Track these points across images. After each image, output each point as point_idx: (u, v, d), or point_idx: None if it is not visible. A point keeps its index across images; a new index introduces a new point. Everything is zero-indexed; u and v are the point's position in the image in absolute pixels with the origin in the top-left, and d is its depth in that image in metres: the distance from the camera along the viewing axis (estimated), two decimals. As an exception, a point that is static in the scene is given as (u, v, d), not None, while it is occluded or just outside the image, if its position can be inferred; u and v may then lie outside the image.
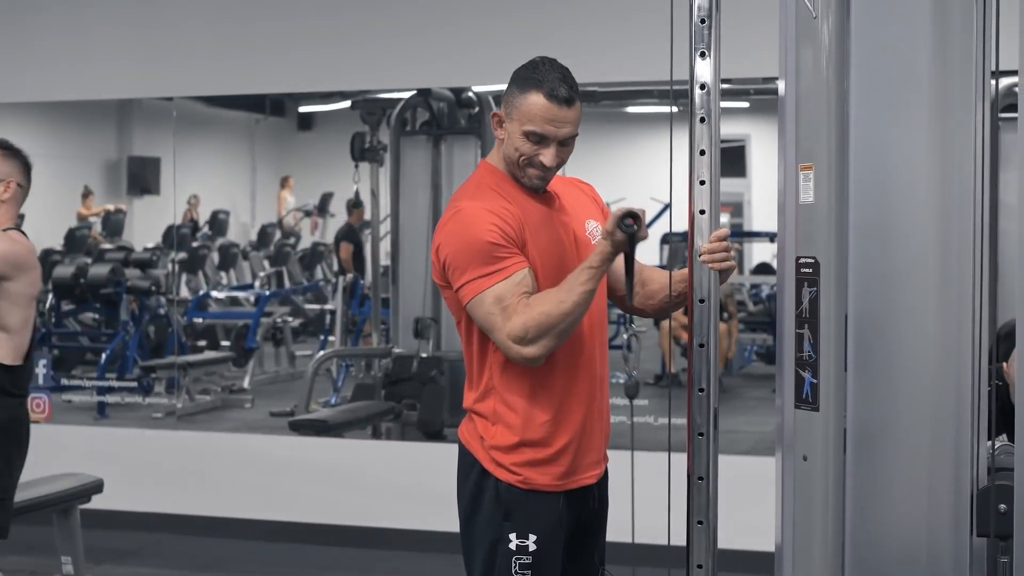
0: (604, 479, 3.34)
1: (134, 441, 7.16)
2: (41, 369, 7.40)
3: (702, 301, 2.82)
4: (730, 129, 12.13)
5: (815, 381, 2.46)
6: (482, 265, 2.99)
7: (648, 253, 11.56)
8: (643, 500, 6.09)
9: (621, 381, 9.44)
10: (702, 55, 2.81)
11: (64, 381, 8.35)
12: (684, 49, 2.90)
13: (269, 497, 6.70)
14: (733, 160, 12.62)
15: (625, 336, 3.20)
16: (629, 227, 2.93)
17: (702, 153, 2.80)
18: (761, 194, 12.60)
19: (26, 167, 4.40)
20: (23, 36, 7.37)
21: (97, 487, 5.23)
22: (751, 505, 5.10)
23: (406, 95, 7.91)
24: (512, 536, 3.10)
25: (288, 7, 7.00)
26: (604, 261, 2.99)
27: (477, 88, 7.73)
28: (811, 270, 2.46)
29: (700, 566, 2.83)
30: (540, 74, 3.09)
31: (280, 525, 6.63)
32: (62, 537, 5.12)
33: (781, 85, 2.55)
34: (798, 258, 2.49)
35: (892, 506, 2.36)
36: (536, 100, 3.06)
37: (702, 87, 2.81)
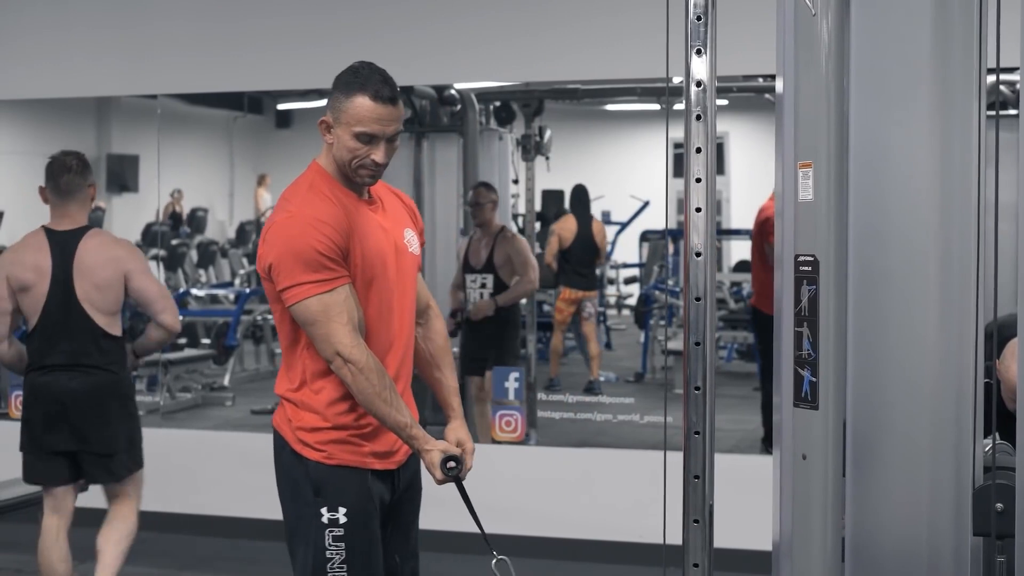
0: (410, 466, 3.51)
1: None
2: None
3: (698, 299, 2.81)
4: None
5: (814, 380, 2.45)
6: (310, 272, 3.22)
7: (628, 250, 11.61)
8: (633, 498, 6.13)
9: (602, 379, 9.54)
10: (698, 52, 2.80)
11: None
12: (669, 47, 2.92)
13: (254, 495, 6.65)
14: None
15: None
16: (452, 470, 3.27)
17: (698, 151, 2.80)
18: (739, 192, 12.63)
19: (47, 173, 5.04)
20: (2, 35, 7.34)
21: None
22: (735, 503, 5.11)
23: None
24: (323, 510, 3.32)
25: (270, 5, 6.97)
26: (415, 446, 3.30)
27: (459, 85, 7.72)
28: (810, 268, 2.45)
29: (696, 565, 2.82)
30: (362, 78, 3.28)
31: (264, 523, 6.59)
32: (47, 536, 5.09)
33: (779, 83, 2.54)
34: (797, 256, 2.48)
35: (892, 505, 2.36)
36: (363, 102, 3.26)
37: (698, 84, 2.80)
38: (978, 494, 2.34)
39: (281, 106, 11.63)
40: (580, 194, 9.41)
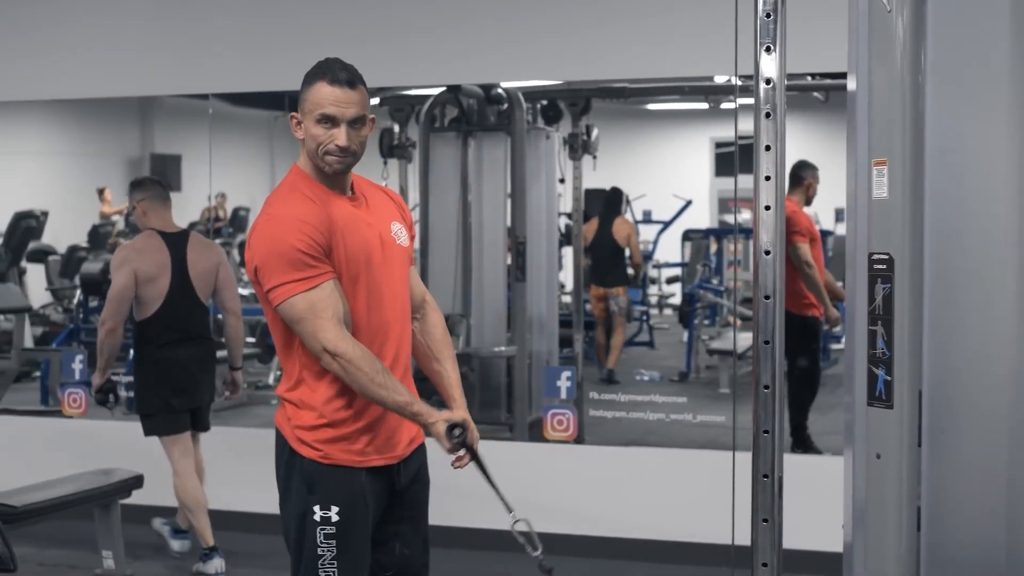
0: (414, 460, 3.55)
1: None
2: (78, 364, 7.39)
3: (767, 298, 2.80)
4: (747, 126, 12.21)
5: (889, 378, 2.44)
6: (292, 271, 3.28)
7: (670, 249, 11.59)
8: (688, 497, 6.11)
9: (646, 378, 9.55)
10: (767, 49, 2.78)
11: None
12: (738, 44, 2.92)
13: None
14: (751, 159, 12.62)
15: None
16: (458, 436, 3.30)
17: (767, 148, 2.78)
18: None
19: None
20: (45, 36, 7.39)
21: (137, 482, 5.24)
22: (795, 504, 5.10)
23: (435, 91, 7.89)
24: (316, 508, 3.38)
25: (318, 4, 6.97)
26: (419, 422, 3.35)
27: (506, 84, 7.71)
28: (885, 266, 2.44)
29: (765, 564, 2.81)
30: (322, 68, 3.40)
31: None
32: (103, 531, 5.13)
33: (851, 80, 2.52)
34: (871, 254, 2.46)
35: (969, 504, 2.34)
36: (320, 87, 3.36)
37: (768, 82, 2.78)
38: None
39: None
40: (610, 196, 9.62)
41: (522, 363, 7.60)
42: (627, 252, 9.73)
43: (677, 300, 11.83)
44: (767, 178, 2.79)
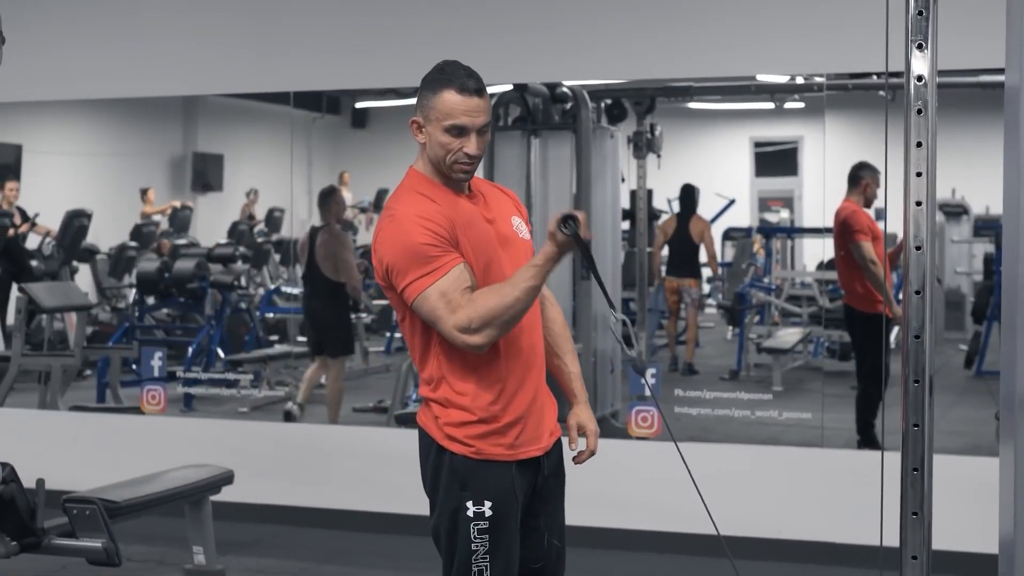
0: (555, 452, 3.57)
1: (241, 433, 7.19)
2: (156, 361, 7.42)
3: (918, 292, 2.82)
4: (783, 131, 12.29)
5: (1055, 374, 2.45)
6: (421, 266, 3.30)
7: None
8: (779, 495, 6.11)
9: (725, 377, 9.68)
10: (919, 47, 2.80)
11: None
12: (888, 40, 2.94)
13: (386, 490, 6.65)
14: (788, 159, 12.76)
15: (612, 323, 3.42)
16: (570, 226, 3.22)
17: (919, 145, 2.80)
18: (813, 191, 12.60)
19: None
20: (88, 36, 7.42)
21: (228, 478, 5.26)
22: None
23: (500, 90, 7.91)
24: (469, 504, 3.39)
25: (382, 4, 6.99)
26: (548, 260, 3.27)
27: (570, 83, 7.74)
28: (1052, 263, 2.45)
29: (915, 557, 2.82)
30: (447, 74, 3.38)
31: (398, 518, 6.58)
32: (194, 527, 5.15)
33: (1013, 76, 2.54)
34: (1036, 251, 2.48)
35: None
36: (450, 97, 3.35)
37: (919, 79, 2.80)
38: None
39: (360, 104, 11.71)
40: (686, 192, 10.31)
41: (587, 361, 7.62)
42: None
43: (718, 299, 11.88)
44: (918, 174, 2.81)
